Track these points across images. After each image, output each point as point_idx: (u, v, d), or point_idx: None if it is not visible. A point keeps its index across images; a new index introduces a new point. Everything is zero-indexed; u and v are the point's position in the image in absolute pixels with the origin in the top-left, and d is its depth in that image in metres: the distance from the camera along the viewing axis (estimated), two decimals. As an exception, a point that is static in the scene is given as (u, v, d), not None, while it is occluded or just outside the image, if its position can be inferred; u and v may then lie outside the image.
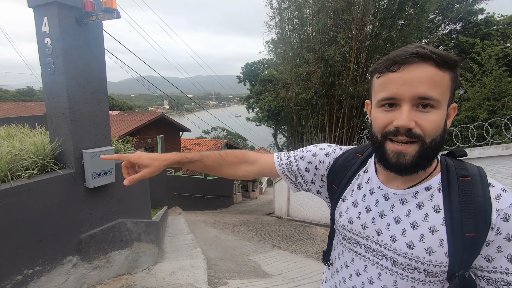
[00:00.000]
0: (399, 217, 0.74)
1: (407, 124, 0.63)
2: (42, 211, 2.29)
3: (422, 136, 0.64)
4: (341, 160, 0.89)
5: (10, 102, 18.11)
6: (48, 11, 2.34)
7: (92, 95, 2.64)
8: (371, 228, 0.78)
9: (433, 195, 0.71)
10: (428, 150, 0.65)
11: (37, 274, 2.27)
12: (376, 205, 0.78)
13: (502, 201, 0.66)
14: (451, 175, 0.72)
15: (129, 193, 3.13)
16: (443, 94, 0.63)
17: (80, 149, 2.55)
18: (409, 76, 0.62)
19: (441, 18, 10.65)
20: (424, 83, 0.62)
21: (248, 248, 5.68)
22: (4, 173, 2.15)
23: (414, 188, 0.73)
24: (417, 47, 0.63)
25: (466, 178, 0.70)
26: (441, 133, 0.66)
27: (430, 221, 0.70)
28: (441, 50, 0.64)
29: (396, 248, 0.72)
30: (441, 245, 0.68)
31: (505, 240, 0.65)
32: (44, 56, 2.45)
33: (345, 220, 0.83)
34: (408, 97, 0.63)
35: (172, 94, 16.46)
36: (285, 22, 11.50)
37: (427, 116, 0.63)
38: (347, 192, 0.86)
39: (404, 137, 0.64)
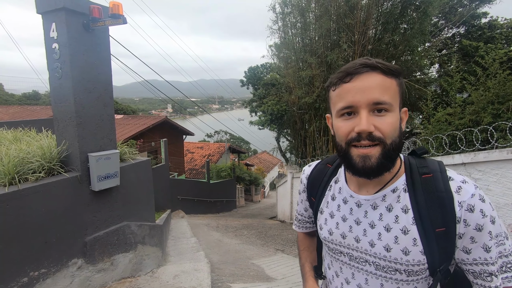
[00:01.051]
0: (373, 222, 0.77)
1: (367, 128, 0.67)
2: (48, 214, 2.32)
3: (382, 138, 0.68)
4: (313, 174, 0.96)
5: (16, 105, 18.32)
6: (57, 17, 2.38)
7: (98, 99, 2.68)
8: (349, 237, 0.81)
9: (400, 196, 0.75)
10: (390, 151, 0.69)
11: (42, 276, 2.29)
12: (350, 213, 0.81)
13: (463, 193, 0.69)
14: (414, 174, 0.75)
15: (133, 196, 3.14)
16: (394, 98, 0.69)
17: (86, 152, 2.58)
18: (362, 85, 0.68)
19: (444, 21, 10.64)
20: (375, 89, 0.67)
21: (251, 252, 5.66)
22: (11, 175, 2.18)
23: (382, 191, 0.76)
24: (364, 59, 0.70)
25: (428, 176, 0.73)
26: (399, 135, 0.70)
27: (401, 222, 0.72)
28: (384, 61, 0.70)
29: (376, 253, 0.75)
30: (415, 244, 0.70)
31: (475, 230, 0.67)
32: (51, 61, 2.50)
33: (325, 232, 0.87)
34: (364, 104, 0.67)
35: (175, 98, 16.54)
36: (288, 27, 11.57)
37: (384, 119, 0.68)
38: (323, 204, 0.90)
39: (366, 141, 0.68)
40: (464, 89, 6.32)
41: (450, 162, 4.47)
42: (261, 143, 29.09)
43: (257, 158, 28.56)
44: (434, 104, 6.56)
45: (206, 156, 19.07)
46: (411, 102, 9.62)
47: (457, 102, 5.72)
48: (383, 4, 9.06)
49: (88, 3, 2.46)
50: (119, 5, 2.32)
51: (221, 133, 38.61)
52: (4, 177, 2.16)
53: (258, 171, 23.07)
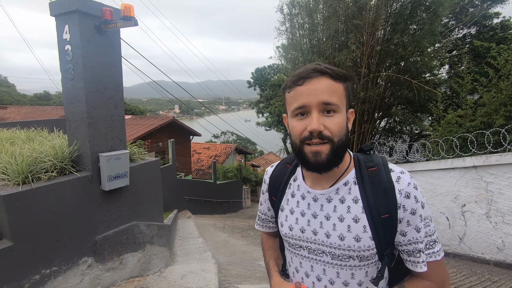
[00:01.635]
0: (328, 214, 0.83)
1: (317, 127, 0.74)
2: (60, 212, 2.36)
3: (331, 137, 0.75)
4: (274, 173, 1.02)
5: (28, 106, 18.71)
6: (70, 19, 2.43)
7: (109, 100, 2.71)
8: (308, 230, 0.86)
9: (351, 189, 0.82)
10: (337, 148, 0.76)
11: (54, 274, 2.33)
12: (308, 208, 0.88)
13: (402, 182, 0.79)
14: (362, 168, 0.84)
15: (142, 196, 3.18)
16: (341, 100, 0.77)
17: (97, 152, 2.62)
18: (313, 87, 0.75)
19: (454, 22, 10.48)
20: (325, 92, 0.75)
21: (258, 253, 5.65)
22: (25, 175, 2.23)
23: (335, 185, 0.84)
24: (315, 64, 0.78)
25: (373, 169, 0.82)
26: (345, 133, 0.78)
27: (352, 212, 0.80)
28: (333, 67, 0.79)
29: (331, 243, 0.82)
30: (365, 231, 0.78)
31: (410, 214, 0.78)
32: (64, 62, 2.54)
33: (286, 229, 0.91)
34: (315, 104, 0.75)
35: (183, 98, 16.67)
36: (295, 28, 11.54)
37: (332, 120, 0.75)
38: (283, 202, 0.95)
39: (317, 139, 0.76)
40: (475, 91, 6.21)
41: (461, 165, 4.39)
42: (267, 144, 29.07)
43: (263, 159, 28.52)
44: (444, 106, 6.46)
45: (212, 156, 19.15)
46: (420, 104, 9.49)
47: (468, 103, 5.63)
48: (392, 4, 8.97)
49: (100, 5, 2.50)
50: (131, 7, 2.35)
51: (227, 134, 38.72)
52: (17, 176, 2.20)
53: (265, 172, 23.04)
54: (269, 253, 1.12)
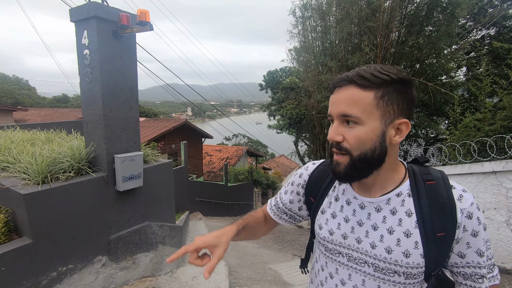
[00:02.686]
0: (376, 224, 0.79)
1: (332, 137, 0.74)
2: (76, 212, 2.43)
3: (348, 149, 0.73)
4: (315, 173, 0.97)
5: (47, 108, 19.40)
6: (88, 25, 2.51)
7: (125, 103, 2.78)
8: (351, 237, 0.82)
9: (404, 201, 0.77)
10: (355, 162, 0.72)
11: (70, 271, 2.39)
12: (353, 215, 0.83)
13: (464, 200, 0.73)
14: (418, 180, 0.78)
15: (155, 197, 3.23)
16: (365, 111, 0.70)
17: (112, 154, 2.69)
18: (336, 97, 0.74)
19: (472, 23, 10.19)
20: (343, 102, 0.72)
21: (268, 256, 5.64)
22: (44, 174, 2.31)
23: (387, 195, 0.79)
24: (352, 71, 0.73)
25: (431, 182, 0.77)
26: (372, 148, 0.72)
27: (404, 226, 0.75)
28: (380, 69, 0.71)
29: (376, 254, 0.77)
30: (416, 247, 0.73)
31: (471, 236, 0.72)
32: (82, 66, 2.63)
33: (325, 232, 0.87)
34: (335, 115, 0.74)
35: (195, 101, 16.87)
36: (308, 30, 11.53)
37: (351, 131, 0.72)
38: (325, 204, 0.90)
39: (334, 149, 0.75)
40: (494, 94, 6.01)
41: (479, 170, 4.25)
42: (279, 147, 28.99)
43: (274, 162, 28.46)
44: (462, 109, 6.28)
45: (224, 159, 19.26)
46: (436, 107, 9.26)
47: (487, 107, 5.45)
48: (407, 6, 8.82)
49: (118, 11, 2.58)
50: (146, 13, 2.41)
51: (239, 137, 38.89)
52: (37, 176, 2.29)
53: (276, 175, 22.98)
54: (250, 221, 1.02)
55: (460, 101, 6.64)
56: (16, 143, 3.06)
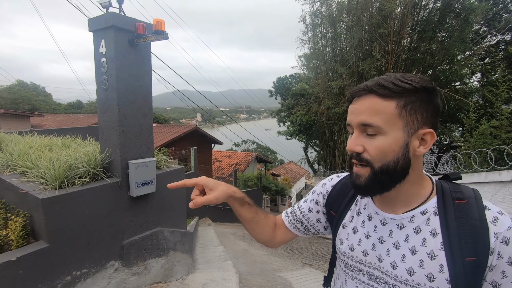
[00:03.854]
0: (398, 243, 0.74)
1: (352, 147, 0.71)
2: (91, 216, 2.47)
3: (369, 160, 0.69)
4: (338, 186, 0.94)
5: (63, 114, 19.95)
6: (106, 34, 2.59)
7: (139, 110, 2.84)
8: (372, 255, 0.78)
9: (430, 219, 0.72)
10: (377, 174, 0.69)
11: (83, 276, 2.42)
12: (375, 231, 0.79)
13: (500, 224, 0.66)
14: (446, 198, 0.72)
15: (167, 203, 3.26)
16: (388, 121, 0.67)
17: (126, 160, 2.73)
18: (356, 107, 0.72)
19: (487, 28, 10.01)
20: (364, 112, 0.69)
21: (278, 264, 5.57)
22: (61, 179, 2.37)
23: (410, 212, 0.74)
24: (372, 80, 0.71)
25: (462, 201, 0.70)
26: (394, 159, 0.68)
27: (428, 246, 0.69)
28: (401, 78, 0.68)
29: (397, 275, 0.72)
30: (442, 271, 0.67)
31: (508, 264, 0.65)
32: (99, 74, 2.70)
33: (346, 248, 0.84)
34: (355, 124, 0.71)
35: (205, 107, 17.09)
36: (318, 37, 11.55)
37: (372, 142, 0.69)
38: (347, 219, 0.87)
39: (355, 160, 0.72)
40: (511, 100, 5.85)
41: (497, 179, 4.13)
42: (288, 153, 28.89)
43: (283, 168, 28.33)
44: (477, 116, 6.14)
45: (233, 165, 19.30)
46: (450, 114, 9.08)
47: (504, 114, 5.31)
48: (419, 12, 8.75)
49: (134, 20, 2.65)
50: (162, 22, 2.47)
51: (248, 143, 38.97)
52: (55, 181, 2.34)
53: (285, 181, 22.84)
54: (261, 210, 1.02)
55: (475, 108, 6.50)
56: (34, 148, 3.15)
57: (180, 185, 0.84)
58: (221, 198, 0.86)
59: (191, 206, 0.83)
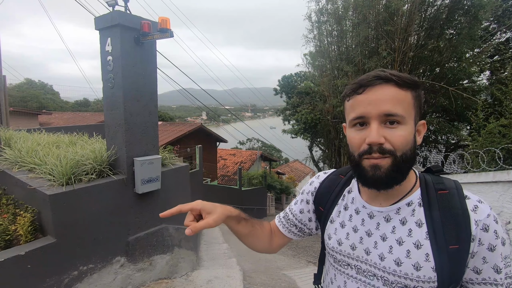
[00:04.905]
0: (385, 235, 0.75)
1: (377, 139, 0.68)
2: (97, 213, 2.50)
3: (393, 150, 0.68)
4: (325, 182, 0.95)
5: (70, 112, 20.22)
6: (112, 32, 2.61)
7: (144, 108, 2.86)
8: (359, 248, 0.79)
9: (415, 210, 0.74)
10: (400, 163, 0.69)
11: (90, 271, 2.46)
12: (362, 224, 0.80)
13: (480, 212, 0.69)
14: (430, 190, 0.75)
15: (172, 200, 3.28)
16: (407, 111, 0.69)
17: (132, 157, 2.76)
18: (374, 96, 0.69)
19: (496, 25, 9.83)
20: (388, 101, 0.68)
21: (282, 262, 5.58)
22: (68, 176, 2.40)
23: (396, 204, 0.76)
24: (378, 71, 0.70)
25: (444, 192, 0.73)
26: (411, 148, 0.70)
27: (414, 236, 0.71)
28: (400, 73, 0.71)
29: (385, 267, 0.73)
30: (427, 260, 0.69)
31: (488, 250, 0.68)
32: (106, 72, 2.73)
33: (334, 242, 0.85)
34: (375, 115, 0.69)
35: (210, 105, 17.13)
36: (323, 35, 11.47)
37: (395, 132, 0.68)
38: (334, 214, 0.88)
39: (377, 154, 0.69)
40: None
41: (505, 178, 4.06)
42: (293, 151, 28.84)
43: (288, 167, 28.29)
44: (485, 115, 6.04)
45: (238, 163, 19.33)
46: (458, 112, 8.95)
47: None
48: (427, 9, 8.63)
49: (140, 19, 2.67)
50: (167, 20, 2.48)
51: (253, 141, 38.99)
52: (62, 178, 2.38)
53: (290, 180, 22.82)
54: (256, 220, 1.00)
55: (483, 106, 6.39)
56: (42, 145, 3.20)
57: (174, 212, 0.79)
58: (220, 221, 0.82)
59: (188, 234, 0.76)
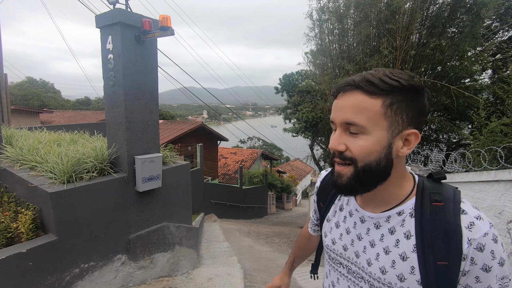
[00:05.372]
0: (374, 241, 0.75)
1: (335, 146, 0.69)
2: (98, 210, 2.51)
3: (354, 159, 0.67)
4: (325, 180, 0.97)
5: (71, 110, 20.25)
6: (113, 30, 2.61)
7: (145, 106, 2.86)
8: (350, 250, 0.80)
9: (405, 221, 0.71)
10: (359, 174, 0.67)
11: (91, 268, 2.47)
12: (354, 227, 0.81)
13: (475, 230, 0.64)
14: (424, 200, 0.70)
15: (173, 198, 3.28)
16: (372, 120, 0.65)
17: (133, 155, 2.76)
18: (341, 103, 0.69)
19: (499, 24, 9.78)
20: (349, 110, 0.66)
21: (283, 260, 5.58)
22: (69, 174, 2.41)
23: (387, 212, 0.74)
24: (359, 75, 0.68)
25: (439, 204, 0.68)
26: (377, 159, 0.66)
27: (401, 248, 0.69)
28: (389, 74, 0.65)
29: (371, 272, 0.73)
30: (412, 273, 0.67)
31: (482, 270, 0.63)
32: (106, 70, 2.73)
33: (329, 241, 0.87)
34: (338, 122, 0.69)
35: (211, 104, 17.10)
36: (324, 33, 11.42)
37: (356, 141, 0.67)
38: (330, 213, 0.91)
39: (338, 159, 0.70)
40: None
41: (507, 177, 4.05)
42: (294, 150, 28.82)
43: (289, 166, 28.30)
44: (487, 113, 6.02)
45: (239, 161, 19.34)
46: (459, 111, 8.92)
47: (515, 111, 5.19)
48: (429, 7, 8.59)
49: (140, 17, 2.66)
50: (168, 18, 2.47)
51: (254, 140, 38.98)
52: (63, 175, 2.39)
53: (290, 178, 22.83)
54: (296, 251, 1.22)
55: (485, 105, 6.37)
56: (44, 143, 3.21)
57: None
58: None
59: None
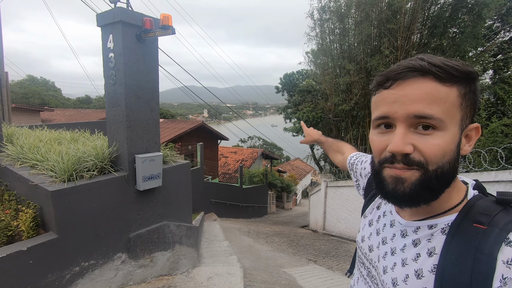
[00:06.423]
0: (395, 249, 0.67)
1: (401, 149, 0.54)
2: (99, 209, 2.51)
3: (423, 162, 0.55)
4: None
5: (71, 109, 20.27)
6: (114, 29, 2.61)
7: (146, 105, 2.86)
8: (375, 253, 0.73)
9: (433, 236, 0.61)
10: (431, 179, 0.55)
11: (91, 267, 2.48)
12: (383, 230, 0.73)
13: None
14: (467, 218, 0.58)
15: (173, 197, 3.29)
16: (448, 113, 0.54)
17: (133, 154, 2.76)
18: (402, 93, 0.55)
19: (500, 24, 9.76)
20: (420, 100, 0.53)
21: (283, 260, 5.59)
22: (70, 173, 2.41)
23: (418, 222, 0.64)
24: (415, 59, 0.56)
25: (481, 227, 0.55)
26: (450, 160, 0.55)
27: (419, 264, 0.60)
28: (449, 60, 0.55)
29: (383, 281, 0.67)
30: None
31: None
32: (107, 69, 2.73)
33: (360, 238, 0.82)
34: (401, 116, 0.55)
35: (211, 103, 17.12)
36: (326, 33, 11.43)
37: (428, 139, 0.54)
38: (368, 210, 0.84)
39: (401, 164, 0.56)
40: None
41: (507, 178, 4.05)
42: (294, 150, 28.83)
43: (289, 165, 28.32)
44: (488, 114, 6.03)
45: (239, 161, 19.35)
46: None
47: (516, 112, 5.19)
48: (430, 7, 8.58)
49: (141, 15, 2.66)
50: (169, 17, 2.47)
51: (254, 139, 39.00)
52: (64, 174, 2.39)
53: (291, 178, 22.84)
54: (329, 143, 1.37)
55: (486, 106, 6.37)
56: (44, 142, 3.21)
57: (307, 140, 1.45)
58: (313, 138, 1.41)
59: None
